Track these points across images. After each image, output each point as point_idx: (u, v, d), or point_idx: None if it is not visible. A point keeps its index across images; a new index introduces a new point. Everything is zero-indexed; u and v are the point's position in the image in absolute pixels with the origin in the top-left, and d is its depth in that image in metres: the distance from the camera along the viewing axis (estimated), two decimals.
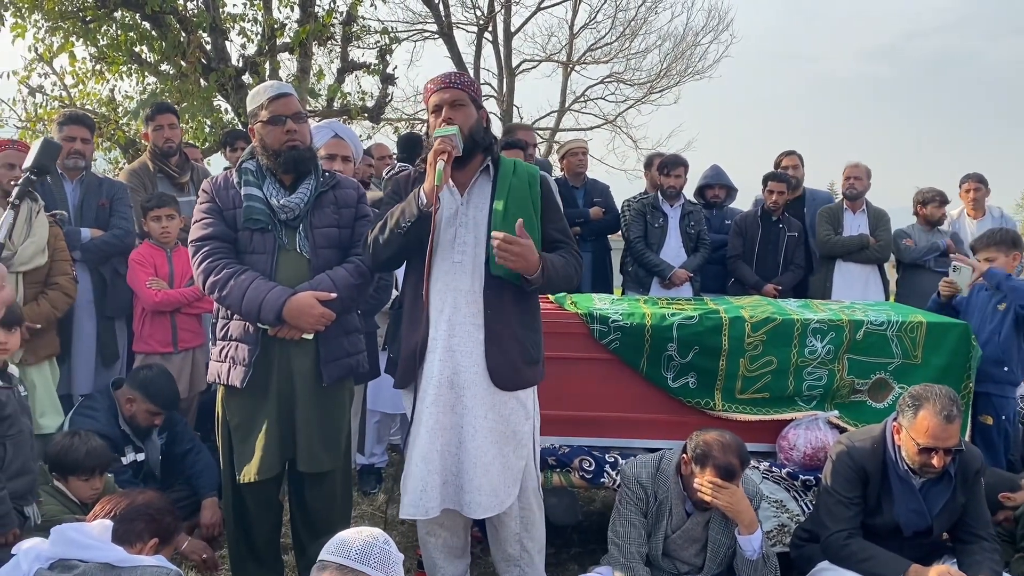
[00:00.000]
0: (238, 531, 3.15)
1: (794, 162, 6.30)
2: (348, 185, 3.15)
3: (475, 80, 3.05)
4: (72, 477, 3.28)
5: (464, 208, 2.93)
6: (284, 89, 3.02)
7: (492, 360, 2.86)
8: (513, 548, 3.06)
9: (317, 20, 8.81)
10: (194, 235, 2.98)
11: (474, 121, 2.91)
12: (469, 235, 2.90)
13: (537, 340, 3.02)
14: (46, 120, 8.92)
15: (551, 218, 3.02)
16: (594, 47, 20.47)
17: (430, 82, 2.95)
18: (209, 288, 2.90)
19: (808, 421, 3.55)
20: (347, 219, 3.08)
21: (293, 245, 2.97)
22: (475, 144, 2.91)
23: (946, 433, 2.82)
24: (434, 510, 2.87)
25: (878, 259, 5.88)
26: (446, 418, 2.87)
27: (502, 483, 2.89)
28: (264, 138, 2.96)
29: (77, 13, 7.93)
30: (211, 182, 3.07)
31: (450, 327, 2.87)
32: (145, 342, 4.29)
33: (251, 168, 3.01)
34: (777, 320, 3.58)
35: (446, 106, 2.88)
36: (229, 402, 3.02)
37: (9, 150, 4.03)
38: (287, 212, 2.95)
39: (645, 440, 3.65)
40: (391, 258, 2.93)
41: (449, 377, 2.87)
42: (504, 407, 2.90)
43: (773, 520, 3.44)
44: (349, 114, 9.59)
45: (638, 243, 5.81)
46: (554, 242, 2.99)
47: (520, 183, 2.95)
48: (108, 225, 4.37)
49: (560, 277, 2.91)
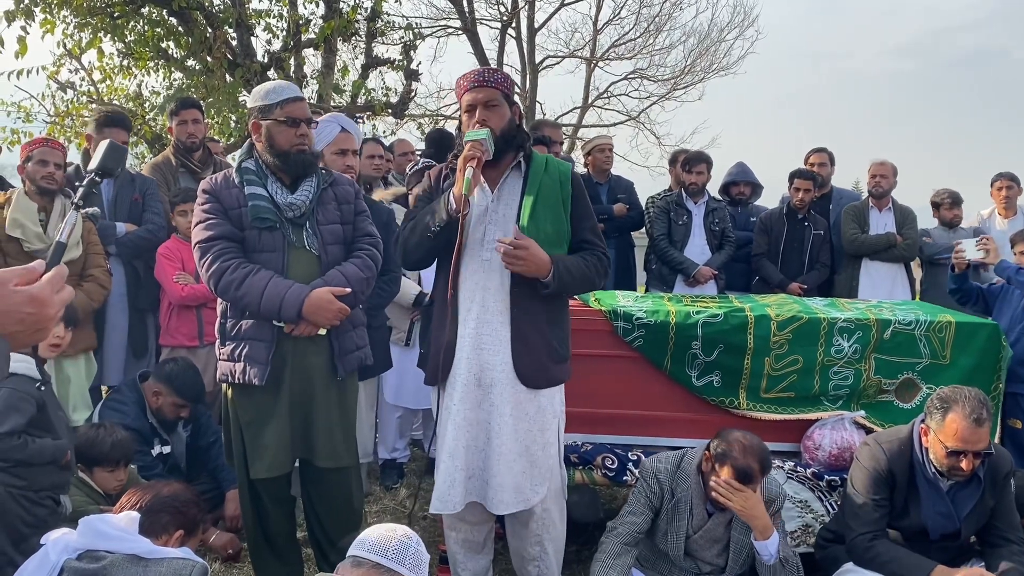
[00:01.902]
0: (255, 525, 3.18)
1: (822, 159, 6.23)
2: (344, 182, 3.19)
3: (508, 76, 3.01)
4: (97, 468, 3.32)
5: (494, 205, 2.93)
6: (299, 92, 3.04)
7: (519, 358, 2.86)
8: (533, 548, 3.06)
9: (342, 16, 8.83)
10: (199, 236, 2.96)
11: (507, 121, 2.89)
12: (498, 232, 2.89)
13: (565, 338, 3.01)
14: (74, 115, 9.02)
15: (581, 217, 2.99)
16: (618, 43, 20.41)
17: (463, 79, 2.93)
18: (223, 288, 2.89)
19: (834, 421, 3.52)
20: (348, 215, 3.12)
21: (301, 243, 2.99)
22: (508, 143, 2.90)
23: (975, 436, 2.78)
24: (458, 504, 2.88)
25: (905, 257, 5.81)
26: (473, 414, 2.87)
27: (527, 481, 2.89)
28: (274, 136, 2.95)
29: (105, 9, 8.00)
30: (211, 182, 3.05)
31: (478, 324, 2.88)
32: (172, 335, 4.33)
33: (251, 167, 3.00)
34: (803, 319, 3.55)
35: (480, 106, 2.86)
36: (240, 400, 3.03)
37: (43, 147, 4.10)
38: (294, 210, 2.97)
39: (668, 438, 3.63)
40: (422, 258, 2.99)
41: (476, 374, 2.87)
42: (530, 405, 2.89)
43: (797, 520, 3.41)
44: (373, 110, 9.60)
45: (662, 240, 5.78)
46: (582, 242, 2.97)
47: (551, 181, 2.93)
48: (141, 220, 4.44)
49: (577, 280, 2.89)
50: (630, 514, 3.06)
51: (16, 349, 1.29)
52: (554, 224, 2.90)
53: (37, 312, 1.30)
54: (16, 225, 3.92)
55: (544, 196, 2.89)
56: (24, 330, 1.30)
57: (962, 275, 4.26)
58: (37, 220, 3.98)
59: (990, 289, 4.25)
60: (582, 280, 2.92)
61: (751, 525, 2.89)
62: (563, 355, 2.98)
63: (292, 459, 3.06)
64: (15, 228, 3.92)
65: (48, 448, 2.98)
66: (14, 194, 4.04)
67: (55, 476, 3.06)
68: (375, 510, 4.24)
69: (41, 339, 1.33)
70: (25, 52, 6.98)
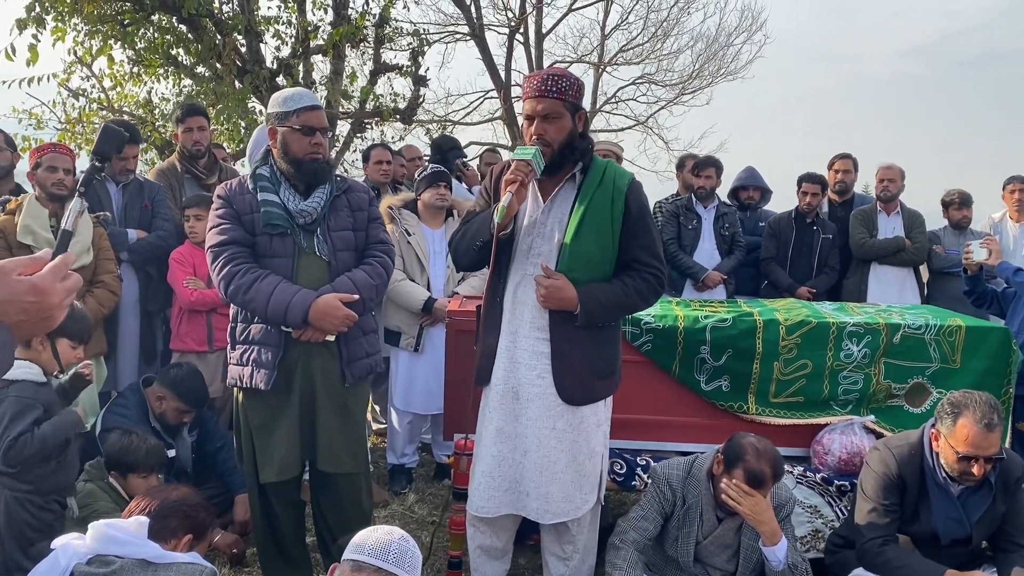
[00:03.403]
0: (265, 529, 3.20)
1: (846, 166, 6.11)
2: (359, 189, 3.19)
3: (575, 81, 2.79)
4: (131, 475, 3.34)
5: (543, 218, 2.85)
6: (316, 101, 3.04)
7: (559, 375, 2.81)
8: (567, 547, 3.03)
9: (350, 22, 8.85)
10: (212, 241, 2.99)
11: (567, 133, 2.76)
12: (545, 246, 2.84)
13: (612, 354, 2.94)
14: (85, 122, 9.06)
15: (633, 234, 2.82)
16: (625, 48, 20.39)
17: (527, 83, 2.83)
18: (232, 293, 2.91)
19: (843, 426, 3.51)
20: (361, 222, 3.12)
21: (312, 248, 3.00)
22: (566, 155, 2.79)
23: (987, 441, 2.77)
24: (487, 510, 2.89)
25: (914, 261, 5.79)
26: (508, 427, 2.87)
27: (576, 490, 2.87)
28: (289, 144, 2.97)
29: (116, 16, 8.04)
30: (225, 188, 3.07)
31: (514, 339, 2.86)
32: (181, 340, 4.35)
33: (265, 174, 3.02)
34: (812, 323, 3.54)
35: (538, 119, 2.75)
36: (250, 404, 3.05)
37: (52, 153, 4.13)
38: (305, 216, 2.98)
39: (677, 443, 3.62)
40: (471, 265, 3.02)
41: (513, 387, 2.86)
42: (574, 416, 2.85)
43: (807, 525, 3.39)
44: (381, 115, 9.62)
45: (671, 245, 5.77)
46: (632, 261, 2.84)
47: (603, 197, 2.79)
48: (151, 226, 4.47)
49: (611, 309, 2.81)
50: (641, 519, 3.06)
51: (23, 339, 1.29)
52: (599, 243, 2.78)
53: (40, 301, 1.30)
54: (28, 232, 3.94)
55: (592, 213, 2.77)
56: (28, 319, 1.30)
57: (975, 277, 4.25)
58: (48, 226, 4.00)
59: (1004, 292, 4.23)
60: (618, 307, 2.82)
61: (759, 530, 2.88)
62: (608, 371, 2.91)
63: (301, 463, 3.08)
64: (26, 235, 3.94)
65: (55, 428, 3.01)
66: (25, 200, 4.07)
67: (61, 477, 3.08)
68: (383, 515, 4.24)
69: (48, 328, 1.34)
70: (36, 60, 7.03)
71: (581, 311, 2.75)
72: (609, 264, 2.83)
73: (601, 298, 2.78)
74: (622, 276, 2.84)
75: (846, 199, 6.14)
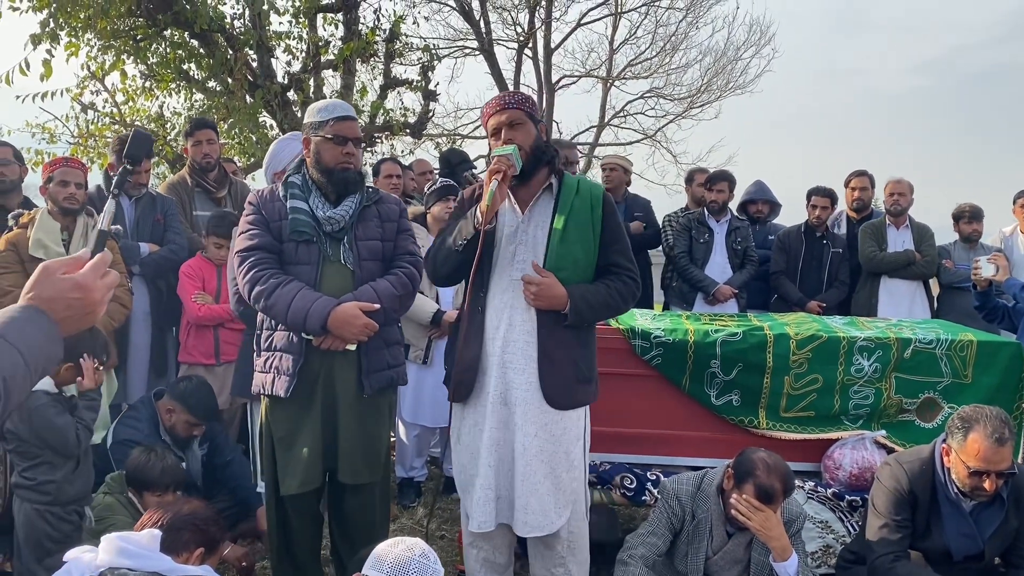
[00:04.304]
0: (280, 542, 3.19)
1: (863, 183, 6.11)
2: (390, 200, 3.20)
3: (529, 96, 3.03)
4: (147, 493, 3.34)
5: (524, 226, 2.93)
6: (350, 112, 3.08)
7: (545, 378, 2.85)
8: (557, 570, 3.03)
9: (360, 38, 8.91)
10: (240, 246, 3.02)
11: (533, 138, 2.90)
12: (528, 253, 2.90)
13: (590, 359, 3.00)
14: (97, 136, 9.14)
15: (611, 239, 2.96)
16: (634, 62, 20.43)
17: (487, 106, 2.96)
18: (255, 297, 2.93)
19: (854, 440, 3.50)
20: (390, 232, 3.13)
21: (338, 257, 3.01)
22: (538, 160, 2.91)
23: (998, 456, 2.76)
24: (489, 524, 2.88)
25: (924, 275, 5.77)
26: (499, 434, 2.88)
27: (552, 504, 2.88)
28: (321, 153, 3.01)
29: (129, 32, 8.11)
30: (257, 194, 3.12)
31: (504, 344, 2.88)
32: (189, 353, 4.38)
33: (297, 182, 3.05)
34: (823, 337, 3.54)
35: (504, 127, 2.88)
36: (274, 413, 3.06)
37: (64, 167, 4.16)
38: (332, 224, 3.00)
39: (687, 458, 3.61)
40: (450, 274, 3.01)
41: (502, 393, 2.87)
42: (555, 426, 2.88)
43: (818, 541, 3.38)
44: (391, 130, 9.67)
45: (682, 258, 5.77)
46: (610, 265, 2.95)
47: (582, 203, 2.92)
48: (163, 240, 4.50)
49: (597, 308, 2.89)
50: (650, 534, 3.05)
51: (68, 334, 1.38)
52: (583, 247, 2.90)
53: (83, 297, 1.41)
54: (39, 246, 3.97)
55: (575, 219, 2.89)
56: (73, 315, 1.40)
57: (985, 292, 4.24)
58: (60, 240, 4.03)
59: (1016, 308, 4.21)
60: (603, 307, 2.91)
61: (769, 546, 2.86)
62: (589, 376, 2.97)
63: (322, 474, 3.07)
64: (38, 248, 3.97)
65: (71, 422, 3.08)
66: (38, 214, 4.10)
67: (80, 487, 3.11)
68: (392, 529, 4.23)
69: (90, 323, 1.44)
70: (50, 75, 7.09)
71: (571, 309, 2.82)
72: (592, 268, 2.93)
73: (589, 297, 2.86)
74: (604, 279, 2.93)
75: (864, 216, 6.13)
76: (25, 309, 1.36)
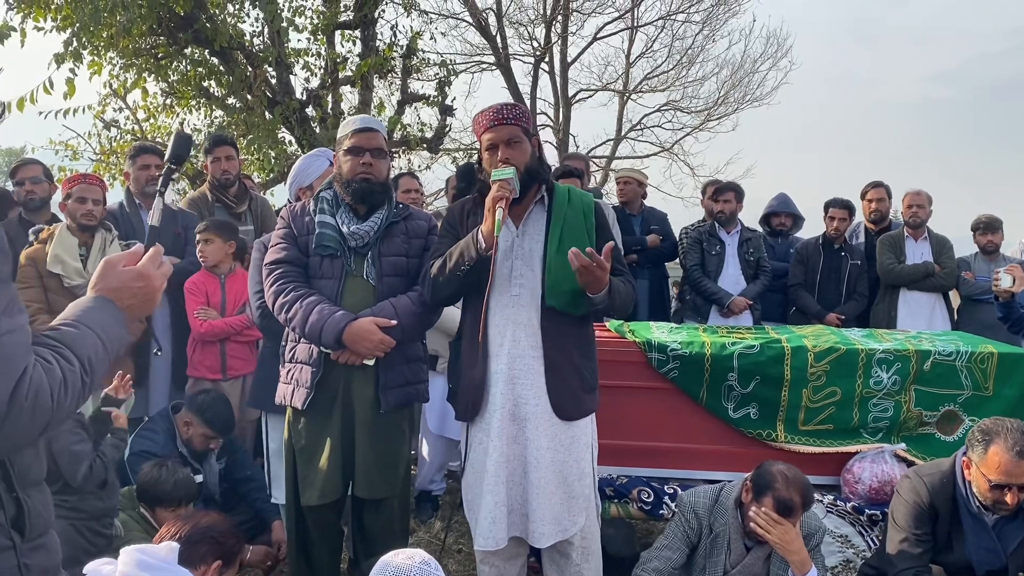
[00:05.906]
0: (299, 555, 3.20)
1: (880, 195, 6.09)
2: (420, 217, 3.22)
3: (526, 110, 3.01)
4: (159, 508, 3.36)
5: (519, 240, 2.94)
6: (370, 124, 3.11)
7: (554, 391, 2.86)
8: None
9: (378, 54, 8.99)
10: (269, 258, 3.10)
11: (530, 156, 2.91)
12: (525, 268, 2.91)
13: (593, 367, 3.02)
14: (119, 153, 9.26)
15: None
16: (651, 76, 20.41)
17: (481, 116, 2.93)
18: (277, 309, 2.99)
19: (874, 454, 3.46)
20: (416, 249, 3.14)
21: (360, 272, 3.04)
22: (531, 178, 2.92)
23: (1019, 469, 2.72)
24: (503, 540, 2.87)
25: (943, 287, 5.72)
26: (510, 449, 2.87)
27: (565, 512, 2.88)
28: (342, 166, 3.06)
29: (150, 50, 8.23)
30: (289, 209, 3.18)
31: (510, 359, 2.88)
32: (196, 368, 4.37)
33: (327, 197, 3.10)
34: (841, 350, 3.51)
35: (502, 145, 2.87)
36: (296, 425, 3.09)
37: (82, 184, 4.21)
38: (357, 239, 3.02)
39: (705, 471, 3.59)
40: (450, 296, 2.99)
41: (511, 409, 2.87)
42: (565, 437, 2.89)
43: (838, 555, 3.35)
44: (408, 145, 9.74)
45: (695, 271, 5.76)
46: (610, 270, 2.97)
47: (575, 213, 2.94)
48: (183, 253, 4.54)
49: (623, 298, 2.90)
50: (666, 548, 3.03)
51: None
52: None
53: (145, 285, 1.57)
54: (57, 261, 4.02)
55: (569, 228, 2.91)
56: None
57: (1008, 304, 4.19)
58: (77, 256, 4.08)
59: None
60: (622, 303, 2.92)
61: (788, 559, 2.84)
62: (593, 384, 2.99)
63: (342, 487, 3.08)
64: (56, 264, 4.02)
65: None
66: (57, 229, 4.15)
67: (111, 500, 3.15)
68: (410, 542, 4.23)
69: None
70: (73, 93, 7.19)
71: (607, 292, 2.79)
72: None
73: (618, 286, 2.86)
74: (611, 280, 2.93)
75: (882, 227, 6.10)
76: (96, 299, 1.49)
